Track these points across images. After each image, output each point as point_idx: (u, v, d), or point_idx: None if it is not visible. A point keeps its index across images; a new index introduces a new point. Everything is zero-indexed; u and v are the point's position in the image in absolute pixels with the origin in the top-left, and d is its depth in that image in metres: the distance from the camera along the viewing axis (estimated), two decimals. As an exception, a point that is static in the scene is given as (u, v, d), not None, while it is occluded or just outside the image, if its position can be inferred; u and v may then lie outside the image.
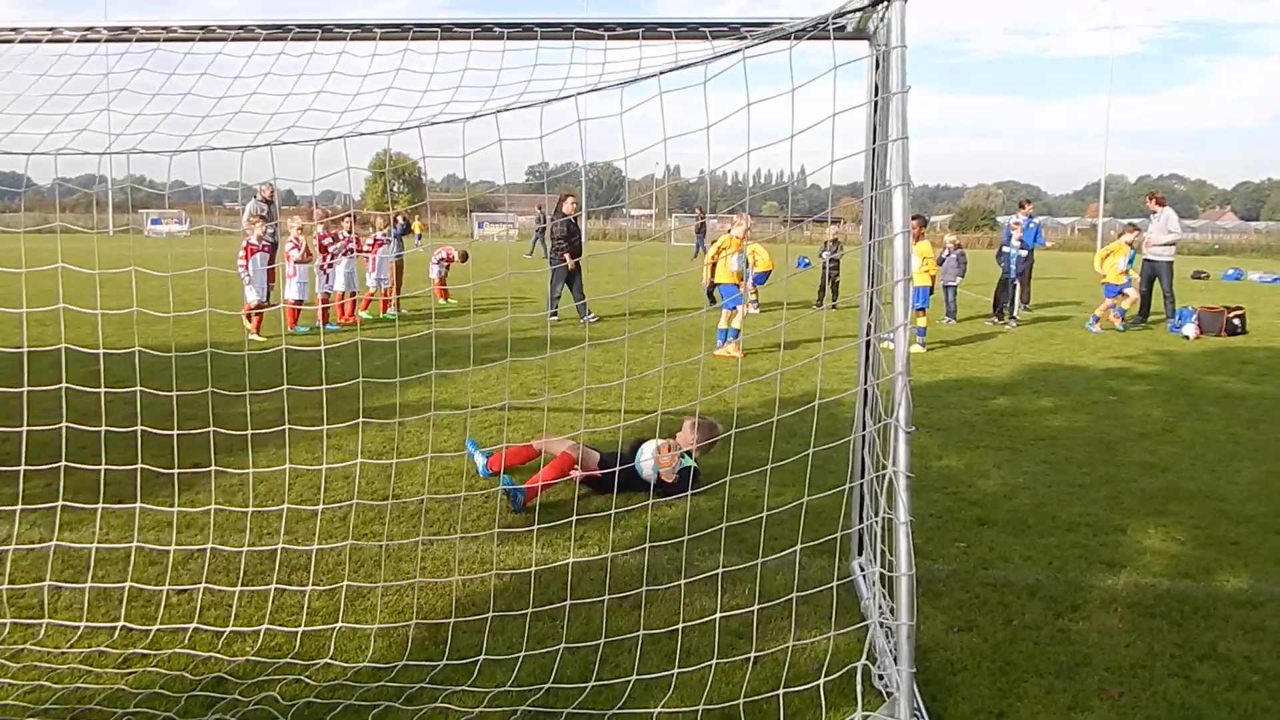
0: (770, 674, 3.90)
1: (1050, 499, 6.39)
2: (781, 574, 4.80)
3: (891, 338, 3.48)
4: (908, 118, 3.47)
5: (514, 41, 4.29)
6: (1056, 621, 4.53)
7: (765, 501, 4.29)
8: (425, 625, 4.36)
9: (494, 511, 5.96)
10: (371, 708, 3.62)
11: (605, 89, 4.01)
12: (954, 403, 9.59)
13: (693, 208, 36.27)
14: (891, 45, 3.55)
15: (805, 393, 9.73)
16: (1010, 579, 5.02)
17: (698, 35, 4.21)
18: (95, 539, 5.09)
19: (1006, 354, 13.10)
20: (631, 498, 6.05)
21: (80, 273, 4.80)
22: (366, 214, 15.49)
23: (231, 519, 5.58)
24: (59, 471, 4.88)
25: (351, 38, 4.36)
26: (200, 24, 4.42)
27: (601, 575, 4.90)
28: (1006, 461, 7.31)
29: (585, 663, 3.98)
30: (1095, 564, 5.24)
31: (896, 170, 3.43)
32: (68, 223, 4.86)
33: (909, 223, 3.40)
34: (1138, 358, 12.99)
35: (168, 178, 4.67)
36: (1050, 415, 9.09)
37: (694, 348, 13.20)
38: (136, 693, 3.72)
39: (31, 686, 3.77)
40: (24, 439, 4.55)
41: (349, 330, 14.81)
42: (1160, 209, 16.95)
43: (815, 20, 3.93)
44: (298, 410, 5.13)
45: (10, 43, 4.49)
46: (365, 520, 5.74)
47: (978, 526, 5.82)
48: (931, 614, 4.53)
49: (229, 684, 3.82)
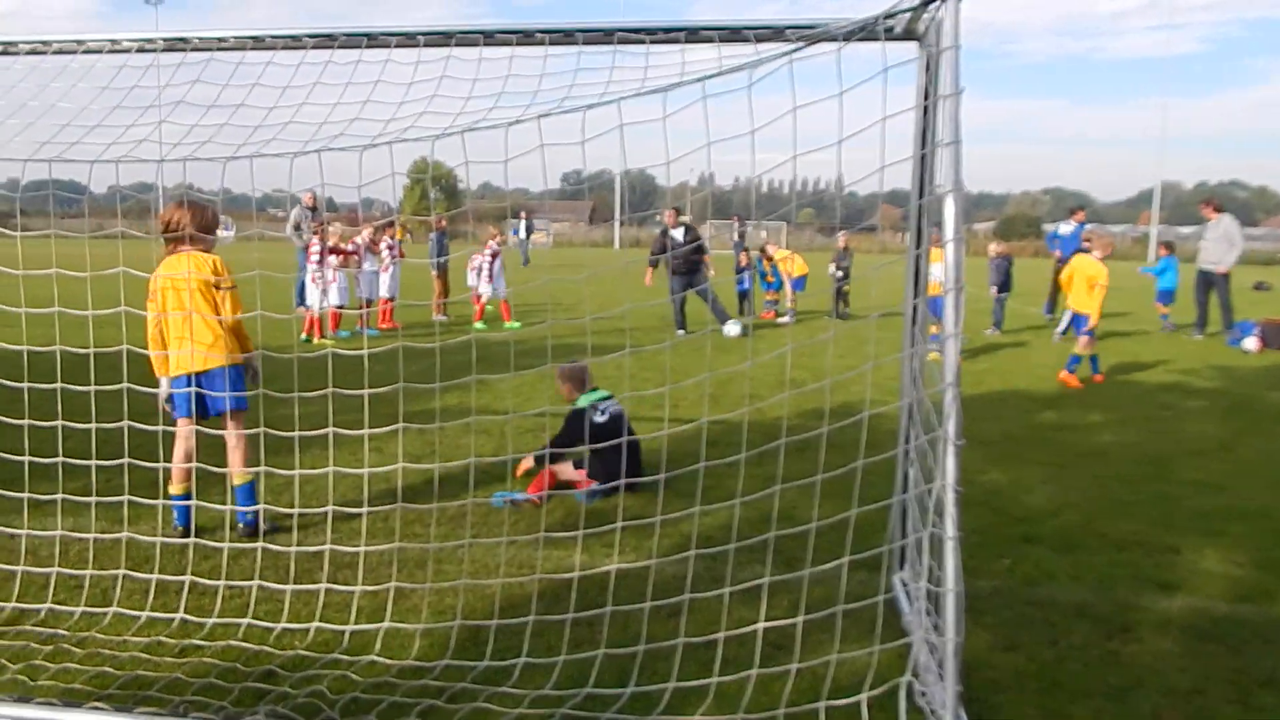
0: (809, 686, 3.87)
1: (1099, 516, 6.27)
2: (820, 586, 4.75)
3: (940, 348, 3.43)
4: (960, 121, 3.43)
5: (556, 47, 4.30)
6: (1106, 643, 4.43)
7: (815, 513, 4.25)
8: (467, 626, 4.41)
9: (531, 516, 5.99)
10: (415, 705, 3.67)
11: (649, 94, 4.01)
12: (997, 415, 9.46)
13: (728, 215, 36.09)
14: (943, 46, 3.50)
15: (842, 403, 9.65)
16: (1057, 598, 4.93)
17: (741, 39, 4.18)
18: (158, 533, 5.27)
19: (1053, 366, 12.87)
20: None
21: (140, 277, 4.93)
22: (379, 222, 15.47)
23: (278, 518, 5.70)
24: (120, 468, 5.00)
25: (396, 45, 4.41)
26: (251, 34, 4.51)
27: (638, 582, 4.89)
28: (1052, 477, 7.19)
29: (623, 669, 3.98)
30: (1147, 585, 5.13)
31: (949, 175, 3.39)
32: (123, 229, 5.00)
33: (962, 229, 3.36)
34: (1193, 372, 12.69)
35: (221, 184, 4.78)
36: (1099, 430, 8.93)
37: (730, 356, 13.18)
38: (193, 681, 3.83)
39: (96, 672, 3.93)
40: (93, 435, 4.70)
41: (389, 336, 14.97)
42: (1216, 216, 16.56)
43: (864, 21, 3.89)
44: (338, 414, 5.21)
45: (73, 54, 4.61)
46: (406, 522, 5.80)
47: (1022, 543, 5.72)
48: (975, 631, 4.46)
49: (279, 677, 3.93)
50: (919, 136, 4.33)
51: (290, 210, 16.50)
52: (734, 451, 6.74)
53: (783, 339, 15.69)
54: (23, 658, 4.01)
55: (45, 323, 4.54)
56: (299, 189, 14.75)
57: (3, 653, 4.07)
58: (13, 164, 4.38)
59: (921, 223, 4.31)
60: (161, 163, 4.42)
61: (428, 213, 48.82)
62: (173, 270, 5.45)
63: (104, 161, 4.38)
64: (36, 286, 4.61)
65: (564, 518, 5.98)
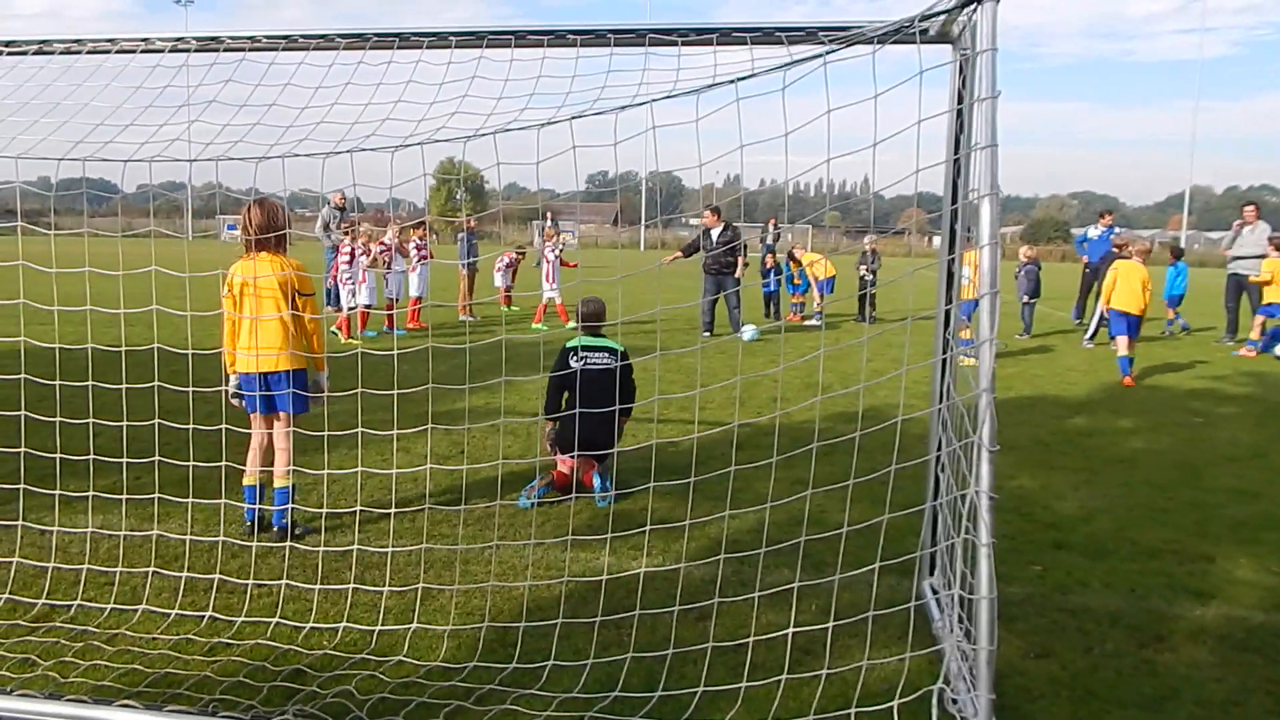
0: (839, 693, 3.83)
1: (1131, 523, 6.18)
2: (849, 591, 4.72)
3: (974, 353, 3.39)
4: (997, 124, 3.39)
5: (587, 48, 4.29)
6: (1140, 651, 4.37)
7: (846, 517, 4.22)
8: (495, 627, 4.40)
9: (558, 517, 5.98)
10: (443, 706, 3.67)
11: (682, 95, 3.99)
12: (1027, 421, 9.36)
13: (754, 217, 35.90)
14: (979, 49, 3.47)
15: (871, 407, 9.60)
16: (1089, 605, 4.86)
17: (774, 41, 4.15)
18: (188, 531, 5.31)
19: (1083, 371, 12.76)
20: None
21: (172, 276, 4.95)
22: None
23: (305, 518, 5.73)
24: (149, 466, 5.05)
25: (428, 45, 4.42)
26: (283, 33, 4.53)
27: (666, 585, 4.88)
28: (1084, 483, 7.11)
29: (651, 672, 3.96)
30: (1181, 593, 5.05)
31: (984, 179, 3.35)
32: (155, 228, 5.04)
33: (998, 233, 3.32)
34: (1225, 378, 12.52)
35: (254, 183, 4.81)
36: (1130, 436, 8.82)
37: (757, 359, 13.14)
38: (221, 680, 3.85)
39: (126, 669, 3.95)
40: (124, 434, 4.75)
41: (417, 336, 15.03)
42: (1256, 221, 16.32)
43: (899, 23, 3.85)
44: (366, 413, 5.25)
45: (106, 53, 4.65)
46: (433, 522, 5.81)
47: (1054, 550, 5.66)
48: (1007, 638, 4.41)
49: (308, 676, 3.94)
50: (952, 140, 4.29)
51: (319, 210, 16.61)
52: (762, 454, 6.74)
53: (809, 342, 15.62)
54: (53, 654, 4.05)
55: (76, 320, 4.58)
56: (329, 189, 14.86)
57: (34, 649, 4.11)
58: (45, 162, 4.43)
59: (955, 227, 4.27)
60: (193, 162, 4.45)
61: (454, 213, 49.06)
62: (254, 271, 5.43)
63: (137, 161, 4.41)
64: (66, 284, 4.64)
65: (591, 519, 5.97)
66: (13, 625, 4.35)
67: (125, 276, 4.44)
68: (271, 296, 5.43)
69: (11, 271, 4.64)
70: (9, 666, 3.91)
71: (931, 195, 4.76)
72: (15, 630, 4.30)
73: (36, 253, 4.73)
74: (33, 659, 3.99)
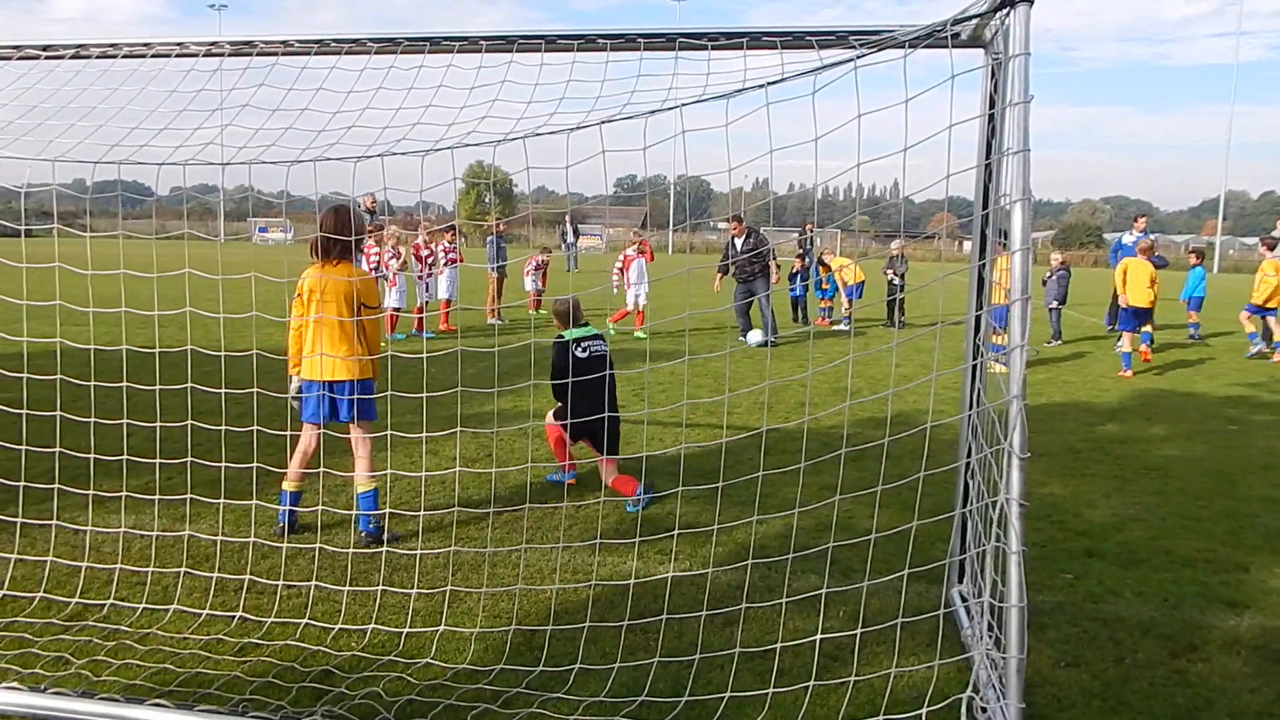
0: (866, 700, 3.81)
1: (1164, 532, 6.10)
2: (877, 598, 4.70)
3: (1005, 359, 3.36)
4: (1029, 129, 3.36)
5: (617, 53, 4.30)
6: (1173, 661, 4.31)
7: (875, 523, 4.19)
8: (522, 630, 4.41)
9: (586, 521, 5.99)
10: (470, 709, 3.68)
11: (712, 100, 3.98)
12: (1058, 428, 9.26)
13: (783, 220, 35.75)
14: (1012, 53, 3.44)
15: (900, 413, 9.54)
16: (1121, 614, 4.80)
17: (804, 45, 4.13)
18: (219, 532, 5.35)
19: (1115, 378, 12.61)
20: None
21: (203, 278, 5.01)
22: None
23: (335, 519, 5.76)
24: (181, 466, 5.10)
25: (459, 50, 4.44)
26: (315, 38, 4.56)
27: (692, 590, 4.87)
28: (1115, 491, 7.02)
29: (678, 677, 3.96)
30: (1215, 603, 4.98)
31: (1017, 184, 3.32)
32: (183, 229, 5.08)
33: (1030, 239, 3.29)
34: (1261, 385, 12.32)
35: (285, 186, 4.85)
36: (1163, 444, 8.70)
37: (785, 364, 13.09)
38: (251, 680, 3.88)
39: (158, 668, 3.99)
40: (158, 434, 4.79)
41: (446, 338, 15.10)
42: None
43: (931, 27, 3.82)
44: (395, 415, 5.29)
45: (142, 58, 4.71)
46: (461, 524, 5.83)
47: (1085, 558, 5.59)
48: (1037, 647, 4.36)
49: (336, 677, 3.96)
50: (983, 144, 4.26)
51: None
52: (789, 459, 6.72)
53: (838, 347, 15.55)
54: (86, 653, 4.10)
55: (109, 321, 4.63)
56: (359, 193, 14.99)
57: (67, 648, 4.16)
58: (80, 164, 4.49)
59: (986, 232, 4.23)
60: (226, 165, 4.49)
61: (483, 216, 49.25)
62: (326, 279, 5.44)
63: (172, 164, 4.46)
64: (99, 285, 4.69)
65: (618, 523, 5.97)
66: (47, 624, 4.41)
67: (156, 278, 4.49)
68: (337, 305, 5.42)
69: (48, 273, 4.72)
70: (43, 665, 3.97)
71: (961, 199, 4.72)
72: (49, 629, 4.36)
73: (71, 254, 4.80)
74: (66, 657, 4.05)
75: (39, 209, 5.01)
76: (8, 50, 4.77)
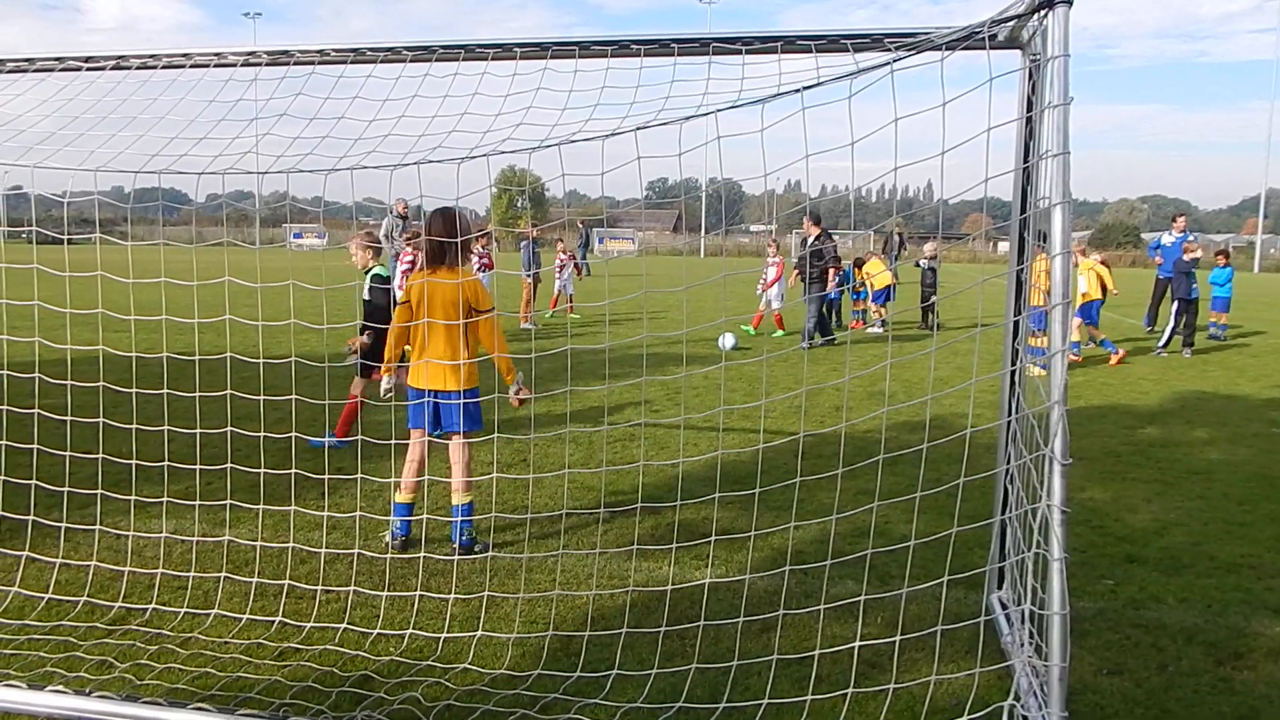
0: (906, 707, 3.78)
1: (1207, 537, 6.00)
2: (916, 604, 4.65)
3: (1045, 363, 3.32)
4: (1068, 131, 3.31)
5: (651, 58, 4.29)
6: (1218, 669, 4.23)
7: (914, 529, 4.16)
8: (559, 636, 4.41)
9: (622, 527, 5.98)
10: (508, 714, 3.69)
11: (747, 105, 3.96)
12: (1098, 431, 9.14)
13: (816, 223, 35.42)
14: (1051, 55, 3.39)
15: (937, 417, 9.45)
16: (1164, 621, 4.72)
17: (839, 48, 4.10)
18: (259, 537, 5.40)
19: (1155, 380, 12.42)
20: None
21: (243, 285, 5.07)
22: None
23: (372, 524, 5.80)
24: (221, 472, 5.15)
25: (493, 57, 4.46)
26: (351, 47, 4.61)
27: (729, 596, 4.86)
28: (1157, 495, 6.91)
29: (715, 683, 3.95)
30: (1260, 609, 4.88)
31: (1056, 187, 3.28)
32: (220, 236, 5.14)
33: (1070, 242, 3.24)
34: (1304, 387, 12.11)
35: (323, 193, 4.89)
36: (1205, 447, 8.55)
37: (819, 368, 13.02)
38: (291, 684, 3.92)
39: (199, 672, 4.04)
40: (198, 440, 4.86)
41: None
42: None
43: (968, 29, 3.79)
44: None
45: (181, 68, 4.78)
46: (497, 530, 5.85)
47: (1126, 564, 5.51)
48: (1079, 654, 4.30)
49: (375, 682, 3.98)
50: (1021, 146, 4.21)
51: (382, 219, 16.90)
52: (826, 464, 6.69)
53: (873, 350, 15.46)
54: (129, 656, 4.16)
55: (149, 328, 4.69)
56: (395, 199, 15.10)
57: (111, 651, 4.22)
58: (120, 174, 4.56)
59: (1024, 235, 4.18)
60: (264, 174, 4.54)
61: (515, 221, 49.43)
62: (434, 285, 5.40)
63: (211, 173, 4.52)
64: (139, 292, 4.76)
65: (655, 529, 5.96)
66: (90, 627, 4.48)
67: (194, 285, 4.55)
68: (444, 312, 5.36)
69: (90, 280, 4.79)
70: (88, 668, 4.03)
71: (996, 200, 4.67)
72: (93, 632, 4.43)
73: (110, 261, 4.87)
74: (110, 661, 4.11)
75: (79, 216, 5.09)
76: (50, 62, 4.86)
